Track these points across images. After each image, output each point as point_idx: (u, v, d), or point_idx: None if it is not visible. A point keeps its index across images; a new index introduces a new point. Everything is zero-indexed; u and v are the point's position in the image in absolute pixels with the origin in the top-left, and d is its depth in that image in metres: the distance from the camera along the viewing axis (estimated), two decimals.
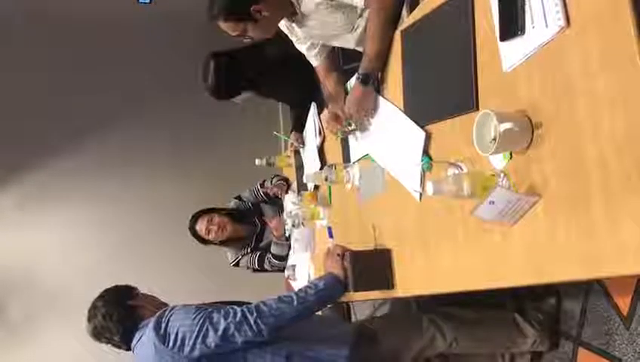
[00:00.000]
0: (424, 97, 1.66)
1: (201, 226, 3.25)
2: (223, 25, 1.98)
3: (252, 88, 3.02)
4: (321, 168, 2.54)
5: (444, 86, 1.53)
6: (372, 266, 1.81)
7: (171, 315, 1.86)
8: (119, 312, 1.99)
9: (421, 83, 1.68)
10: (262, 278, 3.56)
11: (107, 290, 2.09)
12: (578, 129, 1.02)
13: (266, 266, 3.36)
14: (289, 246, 3.16)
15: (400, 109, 1.77)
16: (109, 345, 2.04)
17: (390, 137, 1.82)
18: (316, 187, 2.69)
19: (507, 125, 1.12)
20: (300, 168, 3.01)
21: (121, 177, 4.84)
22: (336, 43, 2.23)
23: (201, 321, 1.81)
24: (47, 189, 4.73)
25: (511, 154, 1.21)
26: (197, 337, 1.79)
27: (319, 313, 2.08)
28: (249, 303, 1.89)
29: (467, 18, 1.37)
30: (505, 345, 2.07)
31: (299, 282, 2.75)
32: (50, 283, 4.57)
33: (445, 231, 1.48)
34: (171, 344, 1.80)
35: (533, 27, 1.14)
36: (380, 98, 1.91)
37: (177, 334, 1.81)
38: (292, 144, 3.05)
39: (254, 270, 3.44)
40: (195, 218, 3.29)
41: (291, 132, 3.11)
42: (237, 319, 1.80)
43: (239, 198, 3.53)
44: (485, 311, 2.12)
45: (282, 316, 1.83)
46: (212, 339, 1.78)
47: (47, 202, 4.74)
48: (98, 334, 2.01)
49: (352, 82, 1.99)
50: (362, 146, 2.08)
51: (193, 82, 3.02)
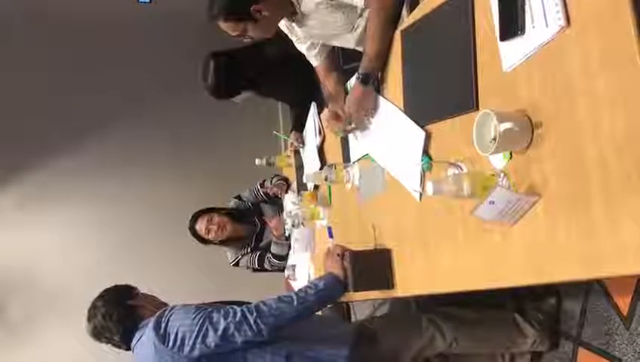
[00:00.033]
0: (424, 97, 1.66)
1: (200, 226, 3.25)
2: (223, 25, 1.98)
3: (252, 88, 3.02)
4: (321, 168, 2.54)
5: (444, 86, 1.53)
6: (372, 266, 1.81)
7: (171, 315, 1.86)
8: (119, 312, 1.99)
9: (421, 83, 1.68)
10: (262, 278, 3.56)
11: (107, 290, 2.09)
12: (578, 129, 1.02)
13: (266, 266, 3.36)
14: (289, 246, 3.17)
15: (400, 109, 1.77)
16: (109, 345, 2.04)
17: (390, 137, 1.82)
18: (316, 187, 2.69)
19: (507, 125, 1.12)
20: (300, 168, 3.00)
21: (121, 177, 4.84)
22: (336, 43, 2.23)
23: (200, 321, 1.81)
24: (47, 189, 4.73)
25: (511, 154, 1.20)
26: (197, 337, 1.79)
27: (319, 313, 2.08)
28: (249, 303, 1.89)
29: (467, 18, 1.37)
30: (505, 345, 2.07)
31: (299, 282, 2.75)
32: (50, 283, 4.57)
33: (445, 231, 1.48)
34: (171, 344, 1.80)
35: (533, 27, 1.14)
36: (380, 98, 1.91)
37: (177, 334, 1.81)
38: (292, 144, 3.05)
39: (254, 270, 3.45)
40: (195, 218, 3.29)
41: (291, 132, 3.11)
42: (237, 319, 1.80)
43: (239, 198, 3.53)
44: (485, 311, 2.12)
45: (282, 316, 1.83)
46: (212, 339, 1.78)
47: (47, 202, 4.74)
48: (98, 334, 2.01)
49: (352, 82, 1.99)
50: (362, 146, 2.08)
51: (193, 82, 3.02)
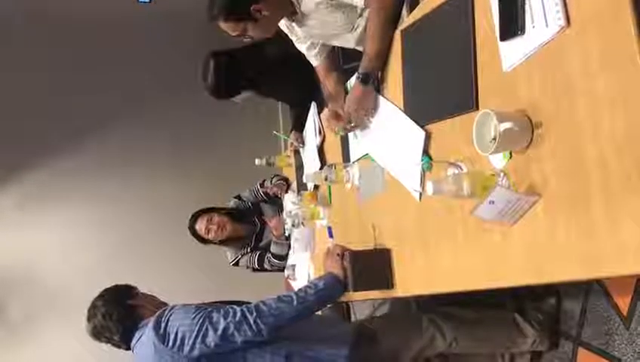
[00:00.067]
0: (424, 97, 1.66)
1: (200, 226, 3.25)
2: (223, 25, 1.98)
3: (252, 88, 3.02)
4: (320, 168, 2.54)
5: (444, 85, 1.53)
6: (372, 266, 1.80)
7: (171, 315, 1.86)
8: (119, 312, 1.99)
9: (421, 82, 1.68)
10: (261, 278, 3.56)
11: (107, 290, 2.09)
12: (578, 129, 1.02)
13: (266, 266, 3.36)
14: (289, 245, 3.17)
15: (400, 109, 1.77)
16: (109, 345, 2.04)
17: (390, 137, 1.82)
18: (316, 187, 2.69)
19: (507, 125, 1.12)
20: (300, 168, 3.00)
21: (120, 177, 4.84)
22: (336, 42, 2.23)
23: (200, 321, 1.81)
24: (47, 189, 4.74)
25: (511, 153, 1.20)
26: (196, 337, 1.79)
27: (319, 313, 2.07)
28: (249, 303, 1.89)
29: (467, 18, 1.37)
30: (505, 345, 2.07)
31: (298, 282, 2.75)
32: (50, 282, 4.58)
33: (445, 230, 1.48)
34: (171, 343, 1.80)
35: (533, 27, 1.14)
36: (380, 97, 1.90)
37: (177, 334, 1.80)
38: (292, 144, 3.05)
39: (254, 269, 3.45)
40: (195, 217, 3.29)
41: (291, 131, 3.11)
42: (236, 319, 1.80)
43: (239, 198, 3.53)
44: (485, 311, 2.12)
45: (282, 316, 1.82)
46: (212, 339, 1.78)
47: (47, 202, 4.74)
48: (98, 333, 2.01)
49: (352, 82, 1.99)
50: (362, 146, 2.08)
51: (193, 82, 3.01)
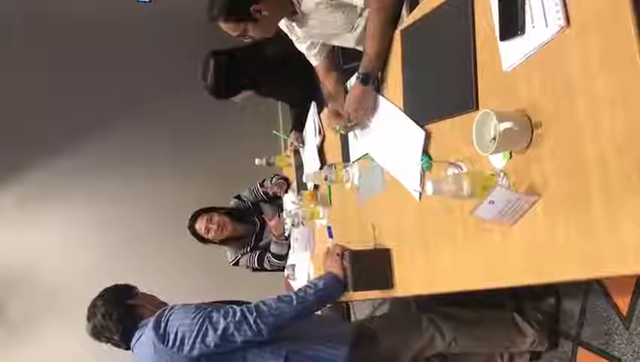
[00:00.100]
0: (424, 97, 1.66)
1: (200, 225, 3.25)
2: (224, 25, 1.98)
3: (252, 87, 3.02)
4: (320, 168, 2.53)
5: (444, 85, 1.53)
6: (371, 266, 1.80)
7: (171, 314, 1.86)
8: (119, 311, 1.99)
9: (421, 82, 1.68)
10: (261, 278, 3.56)
11: (107, 289, 2.09)
12: (578, 129, 1.02)
13: (266, 265, 3.37)
14: (288, 245, 3.17)
15: (400, 109, 1.77)
16: (109, 344, 2.04)
17: (390, 137, 1.82)
18: (316, 186, 2.69)
19: (507, 125, 1.12)
20: (300, 167, 3.00)
21: (121, 176, 4.84)
22: (336, 42, 2.23)
23: (200, 321, 1.81)
24: (47, 188, 4.74)
25: (511, 153, 1.20)
26: (196, 336, 1.79)
27: (319, 312, 2.08)
28: (248, 303, 1.89)
29: (467, 18, 1.37)
30: (504, 345, 2.07)
31: (298, 281, 2.75)
32: (50, 282, 4.58)
33: (445, 230, 1.48)
34: (170, 343, 1.80)
35: (533, 27, 1.14)
36: (380, 97, 1.90)
37: (177, 333, 1.80)
38: (292, 143, 3.05)
39: (254, 269, 3.45)
40: (195, 217, 3.29)
41: (291, 131, 3.11)
42: (236, 318, 1.80)
43: (239, 198, 3.53)
44: (484, 311, 2.12)
45: (282, 315, 1.82)
46: (211, 339, 1.78)
47: (47, 201, 4.74)
48: (98, 333, 2.01)
49: (352, 81, 1.99)
50: (362, 146, 2.08)
51: (193, 81, 3.01)
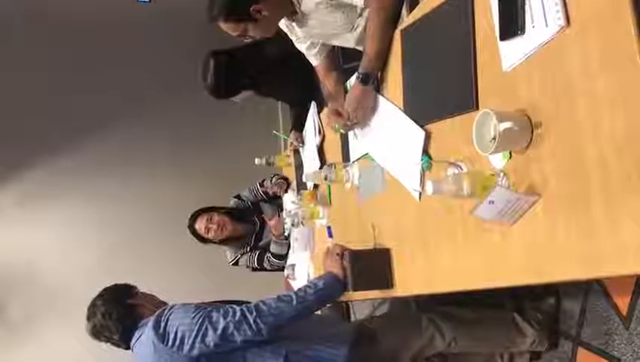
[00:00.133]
0: (424, 97, 1.66)
1: (200, 225, 3.25)
2: (224, 25, 1.98)
3: (252, 87, 3.02)
4: (320, 167, 2.53)
5: (443, 85, 1.53)
6: (371, 266, 1.80)
7: (170, 314, 1.86)
8: (119, 311, 1.99)
9: (421, 82, 1.68)
10: (261, 277, 3.56)
11: (106, 289, 2.09)
12: (578, 128, 1.02)
13: (266, 265, 3.37)
14: (288, 245, 3.17)
15: (400, 109, 1.77)
16: (109, 344, 2.04)
17: (390, 136, 1.82)
18: (316, 186, 2.69)
19: (507, 124, 1.12)
20: (300, 167, 3.00)
21: (120, 176, 4.84)
22: (336, 42, 2.23)
23: (200, 320, 1.81)
24: (47, 188, 4.74)
25: (510, 153, 1.20)
26: (196, 336, 1.79)
27: (318, 312, 2.07)
28: (248, 302, 1.89)
29: (467, 17, 1.37)
30: (504, 345, 2.07)
31: (298, 281, 2.75)
32: (50, 281, 4.58)
33: (445, 230, 1.48)
34: (170, 343, 1.80)
35: (533, 27, 1.14)
36: (380, 97, 1.90)
37: (176, 333, 1.80)
38: (292, 143, 3.05)
39: (254, 269, 3.45)
40: (195, 217, 3.29)
41: (291, 131, 3.11)
42: (236, 318, 1.80)
43: (239, 197, 3.53)
44: (484, 311, 2.12)
45: (281, 315, 1.82)
46: (211, 338, 1.78)
47: (47, 201, 4.75)
48: (97, 333, 2.01)
49: (352, 81, 1.99)
50: (362, 145, 2.08)
51: (193, 81, 3.01)
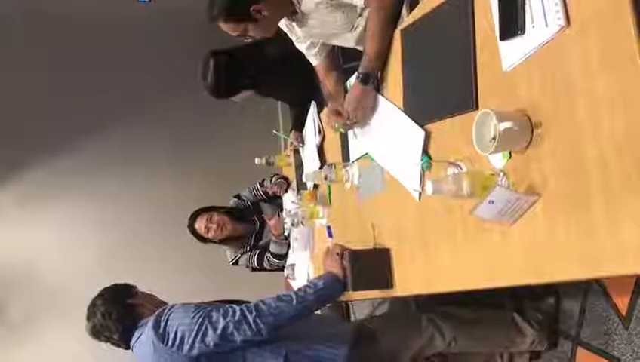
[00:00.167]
0: (424, 96, 1.66)
1: (200, 224, 3.25)
2: (224, 26, 1.98)
3: (252, 87, 3.02)
4: (320, 167, 2.53)
5: (443, 85, 1.53)
6: (371, 265, 1.80)
7: (170, 314, 1.86)
8: (118, 311, 1.99)
9: (421, 82, 1.68)
10: (261, 277, 3.56)
11: (106, 289, 2.09)
12: (578, 128, 1.02)
13: (265, 265, 3.37)
14: (288, 245, 3.17)
15: (400, 108, 1.77)
16: (108, 344, 2.04)
17: (390, 136, 1.82)
18: (315, 186, 2.69)
19: (507, 124, 1.12)
20: (300, 167, 3.00)
21: (120, 176, 4.84)
22: (336, 42, 2.22)
23: (200, 320, 1.81)
24: (47, 188, 4.74)
25: (510, 153, 1.20)
26: (196, 336, 1.79)
27: (318, 312, 2.07)
28: (248, 302, 1.89)
29: (467, 17, 1.37)
30: (504, 345, 2.07)
31: (298, 281, 2.75)
32: (49, 281, 4.58)
33: (444, 230, 1.48)
34: (170, 343, 1.80)
35: (533, 26, 1.14)
36: (380, 97, 1.90)
37: (176, 333, 1.80)
38: (291, 143, 3.05)
39: (253, 269, 3.45)
40: (195, 216, 3.29)
41: (291, 131, 3.11)
42: (236, 318, 1.80)
43: (238, 197, 3.53)
44: (484, 311, 2.12)
45: (281, 315, 1.82)
46: (211, 338, 1.78)
47: (47, 200, 4.75)
48: (97, 333, 2.01)
49: (352, 81, 1.99)
50: (362, 145, 2.08)
51: (193, 81, 3.01)
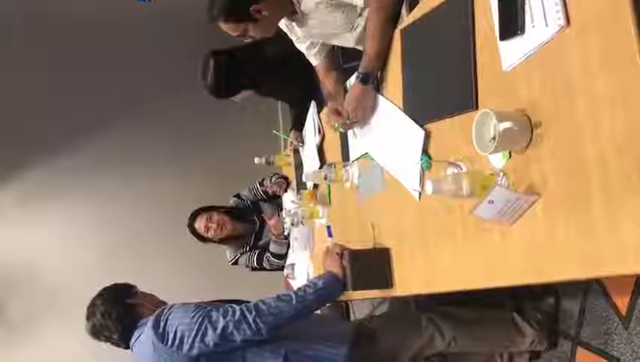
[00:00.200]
0: (424, 96, 1.66)
1: (200, 224, 3.25)
2: (224, 26, 1.98)
3: (252, 87, 3.02)
4: (320, 167, 2.53)
5: (443, 85, 1.53)
6: (371, 265, 1.80)
7: (170, 314, 1.86)
8: (118, 310, 1.99)
9: (421, 82, 1.68)
10: (261, 277, 3.56)
11: (106, 288, 2.09)
12: (578, 128, 1.02)
13: (265, 265, 3.37)
14: (288, 244, 3.17)
15: (399, 108, 1.77)
16: (108, 344, 2.04)
17: (389, 136, 1.82)
18: (315, 186, 2.69)
19: (506, 124, 1.12)
20: (300, 167, 3.00)
21: (120, 176, 4.84)
22: (335, 42, 2.22)
23: (199, 320, 1.81)
24: (47, 188, 4.74)
25: (510, 153, 1.20)
26: (196, 336, 1.79)
27: (318, 312, 2.07)
28: (248, 302, 1.89)
29: (467, 17, 1.37)
30: (503, 345, 2.07)
31: (298, 281, 2.75)
32: (49, 281, 4.58)
33: (444, 230, 1.48)
34: (170, 342, 1.80)
35: (533, 26, 1.14)
36: (380, 97, 1.90)
37: (176, 332, 1.80)
38: (291, 143, 3.05)
39: (253, 268, 3.45)
40: (194, 216, 3.29)
41: (291, 131, 3.11)
42: (236, 318, 1.80)
43: (238, 197, 3.53)
44: (484, 311, 2.12)
45: (281, 315, 1.82)
46: (211, 338, 1.78)
47: (47, 200, 4.75)
48: (97, 332, 2.01)
49: (352, 81, 1.99)
50: (361, 145, 2.08)
51: (193, 81, 3.01)
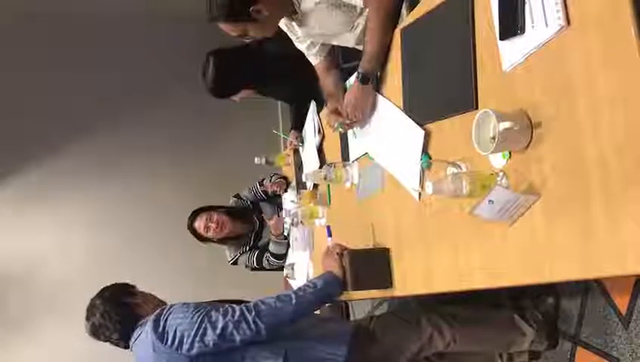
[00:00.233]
0: (424, 96, 1.66)
1: (199, 224, 3.25)
2: (223, 26, 1.98)
3: (251, 87, 3.02)
4: (320, 167, 2.54)
5: (443, 85, 1.53)
6: (371, 265, 1.80)
7: (170, 313, 1.86)
8: (118, 310, 1.99)
9: (421, 82, 1.68)
10: (260, 277, 3.56)
11: (106, 288, 2.09)
12: (578, 128, 1.02)
13: (265, 265, 3.36)
14: (288, 244, 3.17)
15: (399, 108, 1.77)
16: (108, 344, 2.04)
17: (389, 136, 1.82)
18: (315, 186, 2.69)
19: (506, 124, 1.12)
20: (299, 167, 3.00)
21: (120, 176, 4.83)
22: (335, 42, 2.22)
23: (199, 320, 1.80)
24: (47, 188, 4.73)
25: (510, 153, 1.21)
26: (195, 335, 1.78)
27: (318, 312, 2.07)
28: (248, 302, 1.89)
29: (467, 17, 1.37)
30: (503, 345, 2.07)
31: (297, 281, 2.75)
32: (50, 282, 4.58)
33: (444, 230, 1.48)
34: (169, 342, 1.80)
35: (533, 26, 1.14)
36: (380, 97, 1.90)
37: (176, 332, 1.80)
38: (291, 142, 3.05)
39: (253, 268, 3.44)
40: (194, 215, 3.28)
41: (290, 130, 3.11)
42: (235, 318, 1.80)
43: (238, 196, 3.53)
44: (484, 311, 2.12)
45: (281, 315, 1.82)
46: (210, 338, 1.78)
47: (47, 201, 4.74)
48: (96, 332, 2.01)
49: (352, 80, 1.99)
50: (361, 145, 2.08)
51: (193, 81, 3.01)
